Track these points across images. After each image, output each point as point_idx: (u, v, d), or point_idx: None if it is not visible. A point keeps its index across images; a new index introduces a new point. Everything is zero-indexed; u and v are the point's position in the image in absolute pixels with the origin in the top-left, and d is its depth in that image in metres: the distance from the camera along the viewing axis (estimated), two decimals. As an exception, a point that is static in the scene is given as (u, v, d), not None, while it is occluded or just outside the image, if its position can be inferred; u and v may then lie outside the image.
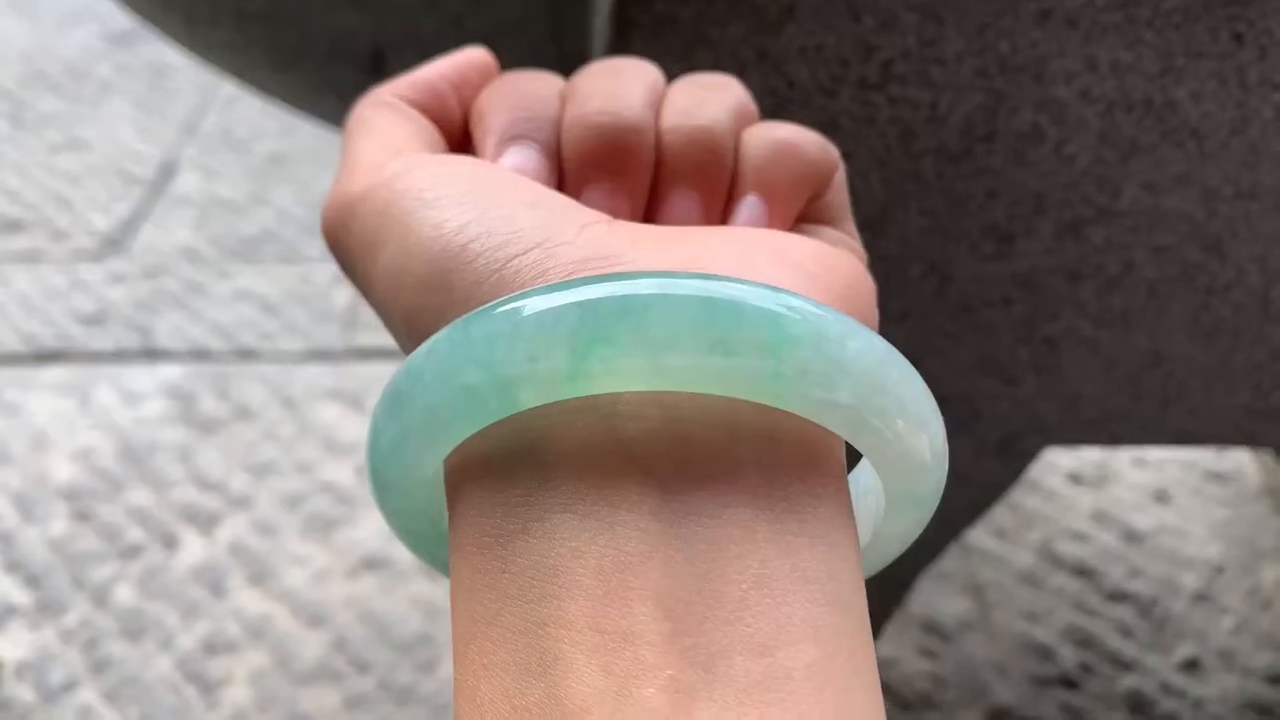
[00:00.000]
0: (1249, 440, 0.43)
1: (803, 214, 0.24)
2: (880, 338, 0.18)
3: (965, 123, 0.35)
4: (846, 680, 0.16)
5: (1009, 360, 0.40)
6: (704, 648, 0.15)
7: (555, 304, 0.16)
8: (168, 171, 1.10)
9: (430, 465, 0.18)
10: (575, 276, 0.18)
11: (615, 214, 0.22)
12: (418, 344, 0.19)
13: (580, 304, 0.16)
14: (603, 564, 0.16)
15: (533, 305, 0.17)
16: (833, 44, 0.33)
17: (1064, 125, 0.35)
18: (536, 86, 0.24)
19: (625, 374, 0.16)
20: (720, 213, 0.23)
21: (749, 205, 0.23)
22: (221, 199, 1.06)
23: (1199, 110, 0.35)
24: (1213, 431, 0.43)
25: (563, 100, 0.24)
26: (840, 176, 0.24)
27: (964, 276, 0.38)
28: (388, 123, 0.24)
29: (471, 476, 0.18)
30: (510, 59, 0.31)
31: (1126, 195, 0.36)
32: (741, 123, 0.23)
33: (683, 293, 0.16)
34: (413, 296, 0.19)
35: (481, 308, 0.17)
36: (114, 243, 1.00)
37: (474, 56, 0.26)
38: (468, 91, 0.25)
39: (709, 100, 0.23)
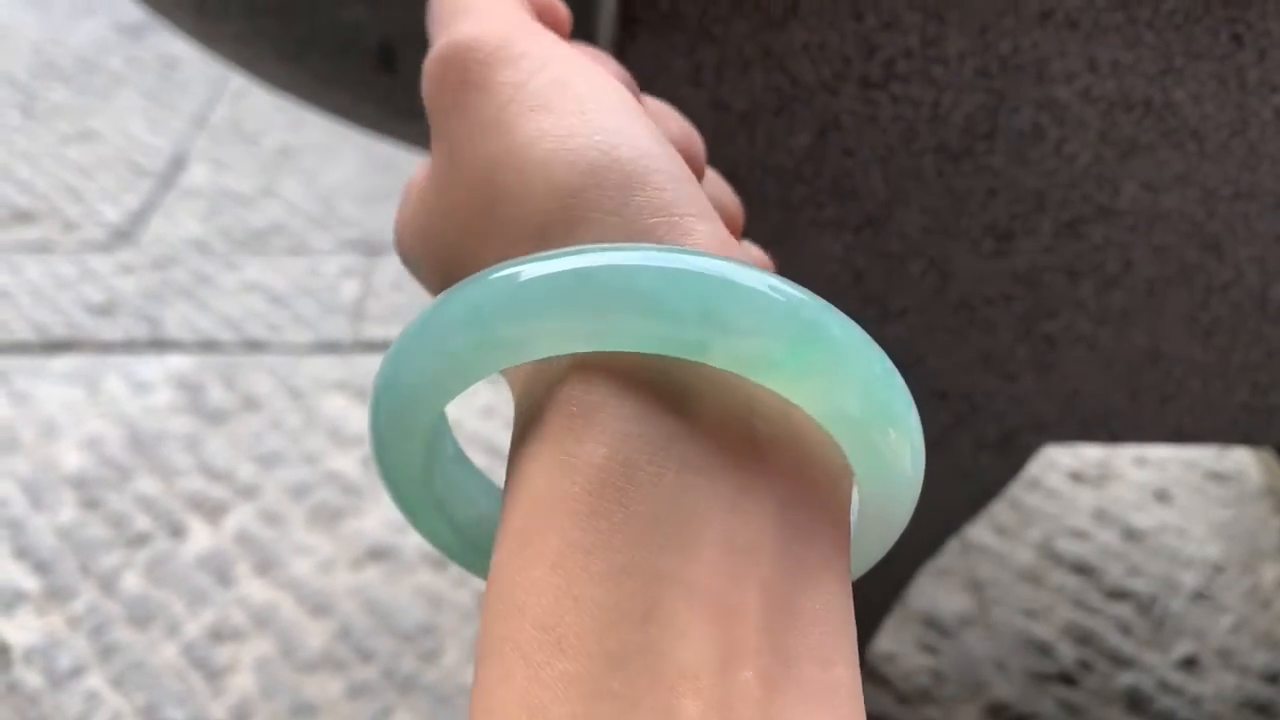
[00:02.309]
0: (1246, 439, 0.44)
1: None
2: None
3: (966, 121, 0.35)
4: (862, 703, 0.17)
5: (1008, 357, 0.40)
6: (786, 649, 0.16)
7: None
8: (178, 163, 1.11)
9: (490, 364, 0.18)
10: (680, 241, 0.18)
11: None
12: (532, 208, 0.19)
13: (815, 307, 0.17)
14: (731, 540, 0.16)
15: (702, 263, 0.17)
16: (836, 42, 0.34)
17: (1064, 125, 0.35)
18: None
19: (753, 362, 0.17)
20: None
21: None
22: (231, 191, 1.07)
23: (1198, 111, 0.35)
24: (1211, 429, 0.43)
25: None
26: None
27: (964, 274, 0.38)
28: None
29: (600, 388, 0.17)
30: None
31: (1126, 194, 0.36)
32: None
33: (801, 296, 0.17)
34: (565, 175, 0.19)
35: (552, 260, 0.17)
36: (124, 234, 1.01)
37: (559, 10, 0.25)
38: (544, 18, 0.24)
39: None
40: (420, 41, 0.45)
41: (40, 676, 0.64)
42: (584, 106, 0.19)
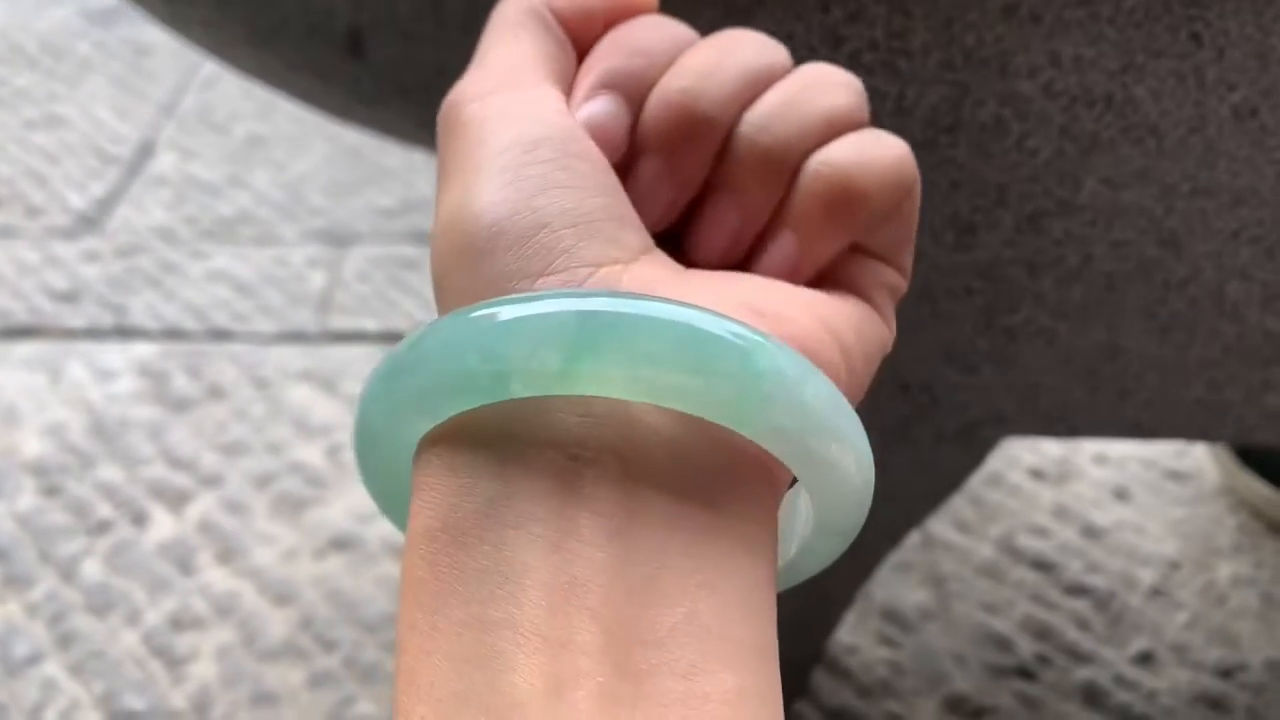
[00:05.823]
0: (1203, 434, 0.44)
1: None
2: (832, 385, 0.19)
3: (930, 114, 0.35)
4: (759, 706, 0.17)
5: (969, 350, 0.41)
6: (634, 664, 0.16)
7: (557, 309, 0.18)
8: (145, 151, 1.10)
9: (416, 432, 0.19)
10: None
11: (657, 197, 0.23)
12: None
13: (579, 313, 0.18)
14: (553, 581, 0.17)
15: (535, 307, 0.18)
16: (802, 33, 0.34)
17: (1026, 119, 0.35)
18: (659, 41, 0.24)
19: (608, 382, 0.18)
20: (757, 229, 0.23)
21: (780, 247, 0.23)
22: (198, 180, 1.06)
23: (1158, 108, 0.35)
24: (1167, 425, 0.44)
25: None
26: (909, 206, 0.23)
27: (926, 266, 0.39)
28: (530, 36, 0.23)
29: (436, 465, 0.19)
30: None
31: (1086, 189, 0.37)
32: (827, 134, 0.22)
33: (668, 317, 0.18)
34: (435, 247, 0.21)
35: (484, 303, 0.18)
36: (89, 221, 1.00)
37: None
38: (618, 24, 0.25)
39: (793, 111, 0.22)
40: (389, 26, 0.45)
41: (-3, 663, 0.63)
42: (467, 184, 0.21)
